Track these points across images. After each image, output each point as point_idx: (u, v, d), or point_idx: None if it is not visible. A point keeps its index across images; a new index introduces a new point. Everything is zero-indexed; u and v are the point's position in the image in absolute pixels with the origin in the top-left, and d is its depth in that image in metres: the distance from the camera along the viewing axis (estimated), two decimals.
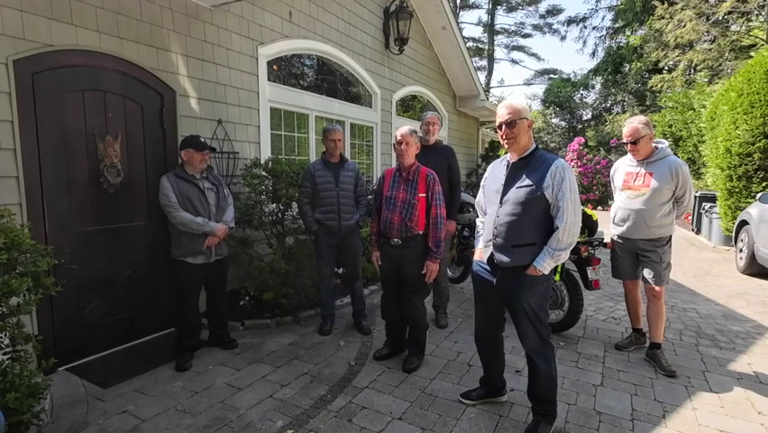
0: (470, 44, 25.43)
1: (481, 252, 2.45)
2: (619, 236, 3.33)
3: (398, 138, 3.02)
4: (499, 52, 29.68)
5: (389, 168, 3.24)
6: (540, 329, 2.31)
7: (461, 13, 25.95)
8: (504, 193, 2.30)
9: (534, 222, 2.22)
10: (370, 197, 4.06)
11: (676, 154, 3.25)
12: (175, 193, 3.09)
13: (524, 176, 2.25)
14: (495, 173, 2.43)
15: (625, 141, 3.18)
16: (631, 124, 3.14)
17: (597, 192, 14.53)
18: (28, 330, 2.27)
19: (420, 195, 2.97)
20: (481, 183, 2.58)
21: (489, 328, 2.57)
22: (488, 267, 2.43)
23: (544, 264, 2.18)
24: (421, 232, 3.00)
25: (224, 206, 3.36)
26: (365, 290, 4.83)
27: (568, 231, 2.15)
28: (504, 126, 2.26)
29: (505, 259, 2.28)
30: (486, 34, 26.30)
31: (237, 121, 4.33)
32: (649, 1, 17.20)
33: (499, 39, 26.41)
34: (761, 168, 6.58)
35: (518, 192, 2.24)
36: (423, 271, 3.01)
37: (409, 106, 8.07)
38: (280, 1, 4.77)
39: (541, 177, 2.18)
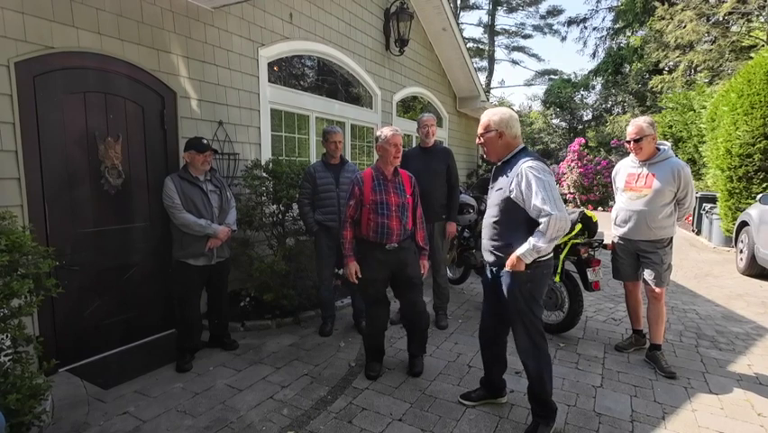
0: (470, 45, 25.42)
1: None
2: (620, 237, 3.33)
3: (395, 141, 2.90)
4: (500, 53, 29.61)
5: (365, 171, 3.03)
6: (529, 329, 2.33)
7: (462, 13, 25.95)
8: (489, 197, 2.43)
9: (508, 223, 2.28)
10: None
11: (677, 156, 3.25)
12: (178, 194, 3.10)
13: (499, 179, 2.35)
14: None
15: (628, 139, 3.18)
16: (636, 122, 3.15)
17: (597, 193, 14.53)
18: (29, 331, 2.27)
19: (408, 196, 3.02)
20: None
21: (489, 325, 2.61)
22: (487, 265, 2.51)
23: (524, 253, 2.17)
24: (411, 231, 3.05)
25: (227, 208, 3.37)
26: None
27: (552, 226, 2.10)
28: (477, 138, 2.44)
29: (489, 258, 2.42)
30: (486, 35, 26.28)
31: (238, 122, 4.34)
32: (649, 2, 17.21)
33: (500, 39, 26.40)
34: (761, 169, 6.58)
35: (494, 196, 2.36)
36: (422, 272, 3.10)
37: (410, 107, 8.08)
38: (281, 2, 4.78)
39: (510, 180, 2.23)
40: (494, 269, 2.42)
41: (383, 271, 2.98)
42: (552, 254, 2.36)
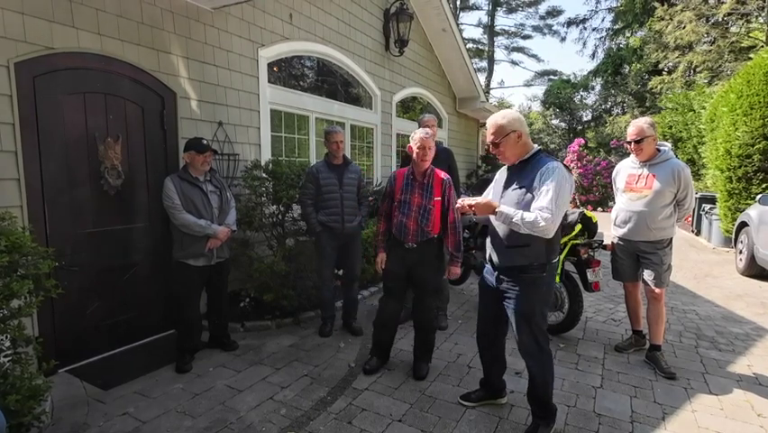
0: (470, 45, 25.42)
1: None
2: (620, 238, 3.33)
3: (420, 144, 2.89)
4: (499, 53, 29.49)
5: (400, 169, 3.14)
6: (536, 333, 2.32)
7: (461, 14, 25.95)
8: (501, 196, 2.37)
9: None
10: (371, 198, 4.07)
11: (677, 156, 3.26)
12: (178, 195, 3.10)
13: (518, 179, 2.30)
14: (499, 177, 2.49)
15: (629, 140, 3.18)
16: (637, 123, 3.15)
17: (597, 193, 14.53)
18: (29, 332, 2.27)
19: (436, 199, 2.97)
20: (490, 186, 2.62)
21: (488, 327, 2.60)
22: (490, 267, 2.47)
23: (509, 214, 2.15)
24: (436, 235, 3.01)
25: (227, 208, 3.37)
26: (364, 291, 4.85)
27: (538, 226, 2.07)
28: (491, 146, 2.35)
29: (500, 259, 2.36)
30: (486, 36, 26.31)
31: (238, 123, 4.34)
32: (649, 2, 17.24)
33: (499, 40, 26.41)
34: (760, 169, 6.59)
35: (511, 195, 2.30)
36: (445, 277, 3.13)
37: (409, 108, 8.08)
38: (281, 3, 4.78)
39: (532, 180, 2.21)
40: (505, 270, 2.34)
41: (401, 266, 3.04)
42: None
